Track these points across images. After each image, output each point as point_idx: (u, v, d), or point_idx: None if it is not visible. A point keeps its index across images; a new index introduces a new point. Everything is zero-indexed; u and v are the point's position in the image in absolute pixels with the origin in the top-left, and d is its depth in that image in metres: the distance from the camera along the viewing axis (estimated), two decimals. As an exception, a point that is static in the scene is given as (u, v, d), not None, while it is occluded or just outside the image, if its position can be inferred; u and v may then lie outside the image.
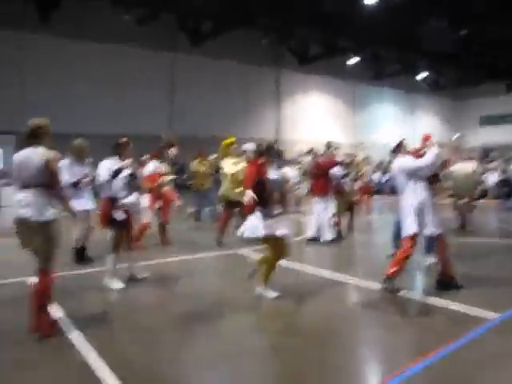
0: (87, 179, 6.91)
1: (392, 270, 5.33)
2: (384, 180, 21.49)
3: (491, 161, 22.44)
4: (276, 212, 5.18)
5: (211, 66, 23.41)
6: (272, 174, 5.28)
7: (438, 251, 5.62)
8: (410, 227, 5.33)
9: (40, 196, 4.05)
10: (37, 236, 4.02)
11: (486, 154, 26.38)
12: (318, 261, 7.51)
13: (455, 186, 10.02)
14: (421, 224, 5.33)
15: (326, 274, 6.40)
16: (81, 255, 7.05)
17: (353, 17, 19.20)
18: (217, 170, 10.20)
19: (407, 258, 5.36)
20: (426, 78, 32.14)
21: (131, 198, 5.70)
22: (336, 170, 8.99)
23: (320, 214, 8.82)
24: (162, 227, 8.62)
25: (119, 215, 5.58)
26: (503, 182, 16.65)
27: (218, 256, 7.87)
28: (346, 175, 9.40)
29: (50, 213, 4.07)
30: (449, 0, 17.31)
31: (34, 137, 4.17)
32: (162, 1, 18.84)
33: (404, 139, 5.69)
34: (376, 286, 5.52)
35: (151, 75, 21.88)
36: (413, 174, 5.39)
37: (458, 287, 5.45)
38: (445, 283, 5.47)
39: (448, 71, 30.65)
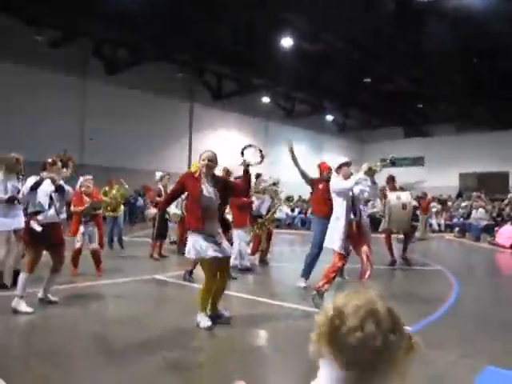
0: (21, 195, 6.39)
1: (321, 283, 5.58)
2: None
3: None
4: (214, 232, 4.85)
5: (124, 96, 23.13)
6: (208, 190, 4.86)
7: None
8: (339, 245, 5.61)
9: None
10: None
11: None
12: (243, 287, 7.60)
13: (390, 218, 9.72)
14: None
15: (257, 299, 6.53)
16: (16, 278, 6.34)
17: (267, 56, 20.01)
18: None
19: (336, 272, 5.68)
20: (334, 119, 33.90)
21: (52, 213, 5.51)
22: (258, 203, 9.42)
23: (240, 243, 8.84)
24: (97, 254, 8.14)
25: (36, 226, 5.31)
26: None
27: (134, 281, 7.71)
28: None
29: None
30: (356, 51, 18.58)
31: None
32: (76, 25, 18.42)
33: (349, 161, 6.07)
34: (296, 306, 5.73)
35: (62, 101, 21.18)
36: (342, 194, 5.71)
37: None
38: None
39: (353, 114, 32.58)
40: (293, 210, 23.34)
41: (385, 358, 1.12)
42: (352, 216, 5.81)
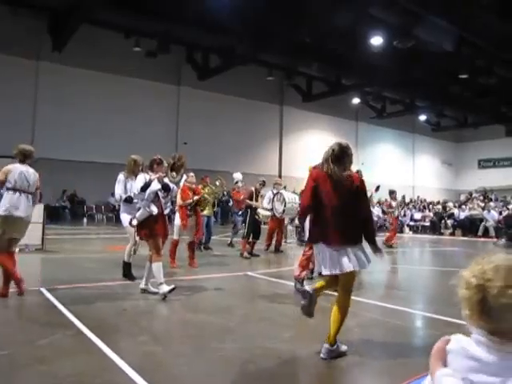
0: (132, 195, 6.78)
1: (298, 272, 6.40)
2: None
3: (491, 200, 22.90)
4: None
5: (216, 100, 23.94)
6: None
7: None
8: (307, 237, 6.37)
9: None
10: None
11: (485, 195, 26.82)
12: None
13: None
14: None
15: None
16: (128, 269, 6.95)
17: (357, 56, 19.73)
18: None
19: (308, 260, 6.48)
20: (427, 119, 32.72)
21: (152, 208, 5.83)
22: None
23: None
24: (192, 246, 8.62)
25: (134, 222, 5.78)
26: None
27: (228, 276, 7.92)
28: None
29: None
30: (454, 48, 17.74)
31: (26, 157, 5.64)
32: (171, 34, 19.33)
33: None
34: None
35: (158, 106, 22.39)
36: None
37: None
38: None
39: (448, 113, 31.19)
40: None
41: None
42: None
